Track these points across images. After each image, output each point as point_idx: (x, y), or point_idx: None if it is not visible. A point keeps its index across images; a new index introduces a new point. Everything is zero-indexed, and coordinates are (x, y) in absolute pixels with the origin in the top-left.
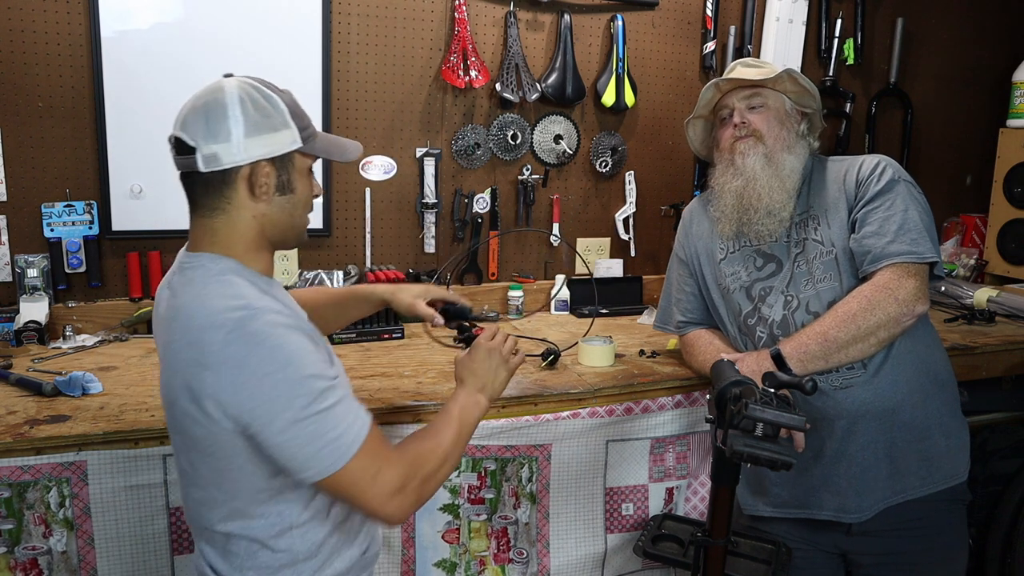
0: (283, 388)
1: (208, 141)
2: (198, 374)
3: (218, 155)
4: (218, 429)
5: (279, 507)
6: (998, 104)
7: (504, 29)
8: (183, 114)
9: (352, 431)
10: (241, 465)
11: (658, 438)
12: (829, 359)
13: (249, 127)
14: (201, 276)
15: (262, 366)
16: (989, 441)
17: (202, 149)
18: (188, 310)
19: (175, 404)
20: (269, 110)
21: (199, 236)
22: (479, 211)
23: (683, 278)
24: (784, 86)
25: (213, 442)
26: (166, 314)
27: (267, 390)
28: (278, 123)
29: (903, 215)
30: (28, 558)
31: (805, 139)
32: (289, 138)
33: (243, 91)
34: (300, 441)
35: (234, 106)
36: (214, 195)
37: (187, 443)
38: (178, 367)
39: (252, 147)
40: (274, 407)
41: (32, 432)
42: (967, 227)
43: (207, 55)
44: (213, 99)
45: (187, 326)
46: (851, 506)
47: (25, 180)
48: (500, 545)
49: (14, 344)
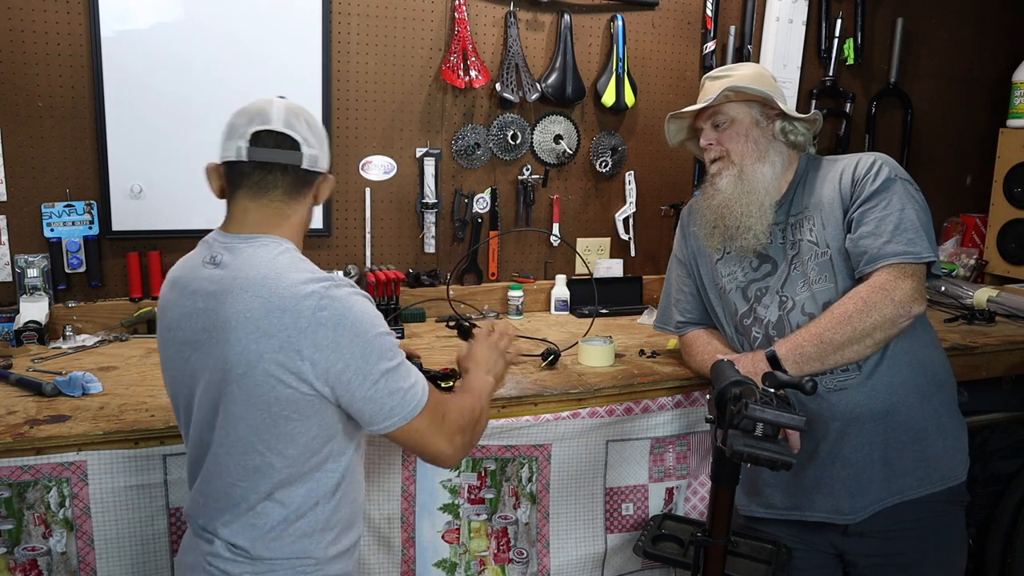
0: (375, 344)
1: (313, 144)
2: (292, 338)
3: (318, 158)
4: (306, 389)
5: (320, 476)
6: (998, 104)
7: (504, 29)
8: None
9: (421, 381)
10: (309, 428)
11: (658, 438)
12: (825, 360)
13: (323, 143)
14: (268, 252)
15: (354, 327)
16: (989, 441)
17: (309, 148)
18: (268, 280)
19: (254, 368)
20: (317, 127)
21: (260, 218)
22: (479, 211)
23: (681, 278)
24: (743, 95)
25: (295, 404)
26: (223, 287)
27: (361, 347)
28: (324, 139)
29: (900, 214)
30: (28, 559)
31: (783, 138)
32: (326, 157)
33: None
34: (388, 391)
35: (320, 124)
36: (299, 188)
37: (258, 409)
38: (261, 333)
39: (328, 161)
40: (368, 362)
41: (32, 432)
42: (967, 227)
43: (207, 55)
44: (306, 112)
45: (271, 294)
46: (845, 507)
47: (25, 180)
48: (500, 545)
49: (14, 344)
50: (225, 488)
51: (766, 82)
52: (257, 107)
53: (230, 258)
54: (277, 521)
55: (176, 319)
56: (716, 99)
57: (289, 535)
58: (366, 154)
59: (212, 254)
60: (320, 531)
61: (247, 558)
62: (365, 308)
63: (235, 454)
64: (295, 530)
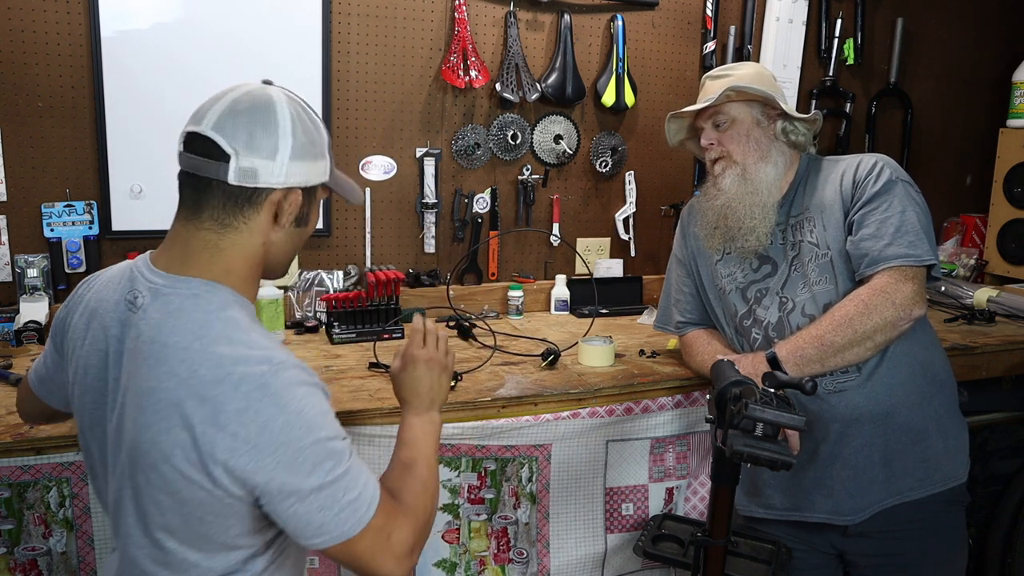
0: (307, 455)
1: (250, 153)
2: (207, 435)
3: (257, 171)
4: (221, 494)
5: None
6: (998, 104)
7: (504, 29)
8: (216, 113)
9: (368, 491)
10: (229, 527)
11: (658, 438)
12: (825, 363)
13: (296, 150)
14: (198, 309)
15: (284, 432)
16: (989, 441)
17: (240, 159)
18: (189, 355)
19: (165, 463)
20: (315, 136)
21: (190, 252)
22: (479, 211)
23: (681, 278)
24: (743, 95)
25: (210, 506)
26: (138, 347)
27: (289, 458)
28: (318, 152)
29: (901, 216)
30: (28, 558)
31: (784, 138)
32: (324, 168)
33: (294, 109)
34: (317, 507)
35: (286, 123)
36: (232, 211)
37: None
38: (174, 423)
39: (293, 172)
40: (296, 476)
41: (32, 432)
42: (967, 227)
43: (207, 55)
44: (263, 108)
45: (190, 375)
46: (845, 508)
47: (25, 180)
48: (500, 545)
49: (14, 344)
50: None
51: (767, 82)
52: (210, 98)
53: (152, 306)
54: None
55: (87, 358)
56: (717, 99)
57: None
58: (366, 154)
59: (134, 293)
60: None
61: None
62: (304, 406)
63: (145, 548)
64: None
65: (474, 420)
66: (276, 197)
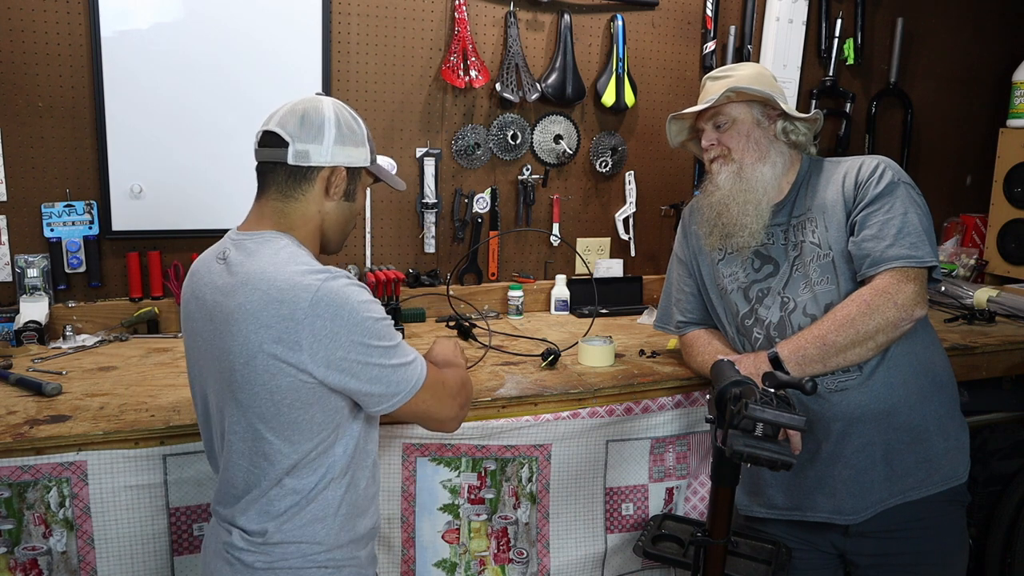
0: (372, 330)
1: (303, 140)
2: (290, 329)
3: (309, 153)
4: (306, 378)
5: (327, 461)
6: (998, 104)
7: (504, 29)
8: (279, 114)
9: (419, 357)
10: (313, 415)
11: (658, 438)
12: (827, 363)
13: (338, 137)
14: (269, 248)
15: (351, 316)
16: (989, 441)
17: (296, 144)
18: (267, 274)
19: (254, 359)
20: (355, 128)
21: (264, 216)
22: (479, 211)
23: (682, 278)
24: (744, 96)
25: (297, 392)
26: (228, 282)
27: (359, 334)
28: (359, 140)
29: (902, 218)
30: (28, 558)
31: (785, 138)
32: (364, 155)
33: (337, 108)
34: (390, 369)
35: (330, 117)
36: (292, 185)
37: (262, 397)
38: (260, 324)
39: (337, 154)
40: (367, 347)
41: (32, 432)
42: (967, 227)
43: (207, 55)
44: (312, 107)
45: (269, 287)
46: (846, 508)
47: (25, 180)
48: (500, 545)
49: (14, 344)
50: (240, 476)
51: (767, 82)
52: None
53: (236, 255)
54: (288, 506)
55: (190, 311)
56: (718, 100)
57: (299, 520)
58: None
59: (223, 250)
60: (331, 516)
61: (260, 545)
62: (361, 297)
63: (246, 441)
64: (306, 515)
65: (474, 420)
66: (325, 173)
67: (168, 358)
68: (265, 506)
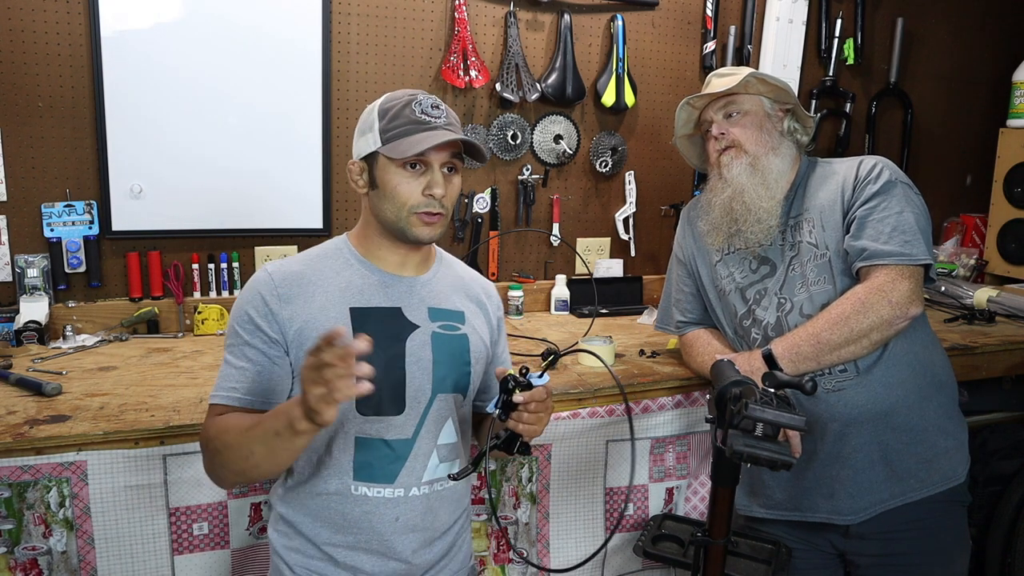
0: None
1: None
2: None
3: (354, 148)
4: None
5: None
6: (998, 104)
7: (504, 29)
8: None
9: (220, 382)
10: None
11: (658, 438)
12: (821, 360)
13: (356, 133)
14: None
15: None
16: (989, 441)
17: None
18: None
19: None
20: (368, 117)
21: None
22: (479, 211)
23: (682, 278)
24: (757, 88)
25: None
26: None
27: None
28: (365, 128)
29: (898, 217)
30: (28, 558)
31: (791, 136)
32: (371, 140)
33: (377, 103)
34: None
35: (371, 110)
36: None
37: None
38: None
39: (354, 149)
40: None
41: (32, 432)
42: (967, 227)
43: (207, 55)
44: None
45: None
46: (845, 508)
47: (25, 180)
48: (500, 545)
49: (14, 344)
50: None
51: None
52: None
53: None
54: (281, 482)
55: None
56: (738, 84)
57: (289, 484)
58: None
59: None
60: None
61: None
62: (241, 296)
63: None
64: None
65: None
66: (350, 168)
67: (168, 358)
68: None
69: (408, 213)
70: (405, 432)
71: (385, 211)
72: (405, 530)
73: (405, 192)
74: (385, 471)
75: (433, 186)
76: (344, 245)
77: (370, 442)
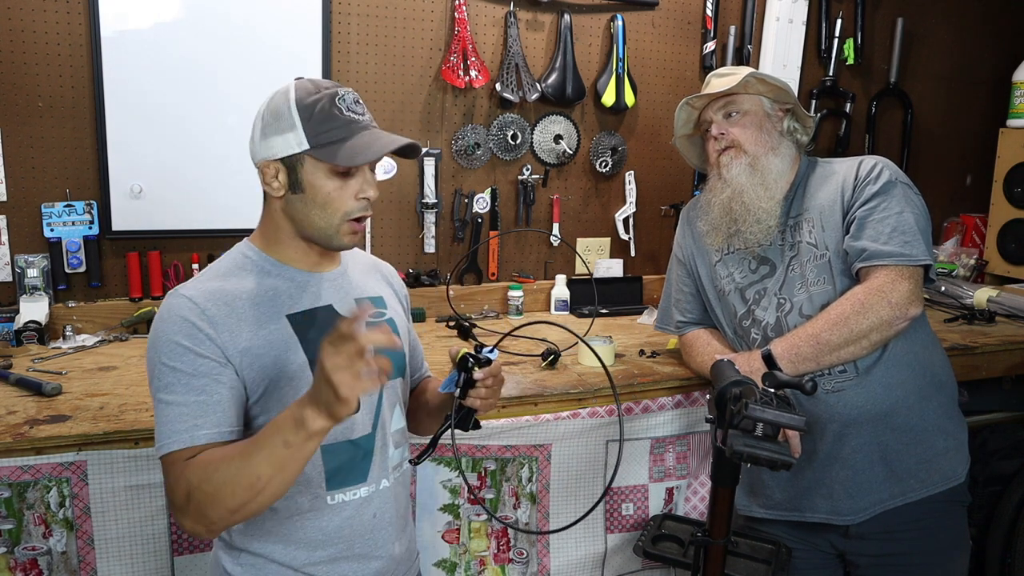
0: (151, 366)
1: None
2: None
3: (251, 152)
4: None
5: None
6: (998, 104)
7: (504, 29)
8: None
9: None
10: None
11: (658, 438)
12: (820, 361)
13: (264, 130)
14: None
15: (151, 341)
16: (989, 441)
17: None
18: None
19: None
20: (282, 113)
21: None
22: (479, 211)
23: (682, 278)
24: (756, 88)
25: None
26: None
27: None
28: (283, 126)
29: (898, 217)
30: (28, 558)
31: (791, 136)
32: (294, 141)
33: (276, 95)
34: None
35: (259, 111)
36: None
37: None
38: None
39: (263, 148)
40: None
41: (32, 432)
42: (967, 227)
43: (207, 55)
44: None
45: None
46: (844, 508)
47: (25, 180)
48: (500, 545)
49: (14, 344)
50: None
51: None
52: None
53: None
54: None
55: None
56: (738, 83)
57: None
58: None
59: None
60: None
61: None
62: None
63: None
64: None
65: None
66: (259, 169)
67: None
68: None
69: (341, 221)
70: (366, 427)
71: (313, 218)
72: (383, 524)
73: (339, 198)
74: (356, 471)
75: (367, 188)
76: (252, 252)
77: (336, 447)
